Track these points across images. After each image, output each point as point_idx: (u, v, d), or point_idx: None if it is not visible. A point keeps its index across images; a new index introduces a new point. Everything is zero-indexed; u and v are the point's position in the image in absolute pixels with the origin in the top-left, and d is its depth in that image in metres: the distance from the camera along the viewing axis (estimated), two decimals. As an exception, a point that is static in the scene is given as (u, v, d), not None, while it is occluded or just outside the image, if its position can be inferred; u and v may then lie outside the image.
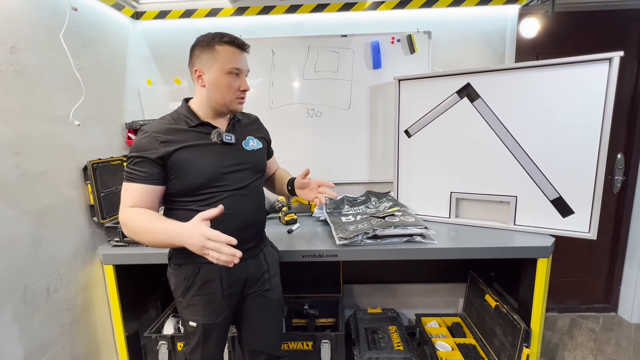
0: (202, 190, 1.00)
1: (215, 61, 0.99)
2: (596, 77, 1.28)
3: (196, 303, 1.05)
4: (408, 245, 1.38)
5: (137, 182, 0.94)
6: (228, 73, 0.99)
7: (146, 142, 0.95)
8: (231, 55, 0.99)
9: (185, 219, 0.94)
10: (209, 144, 1.02)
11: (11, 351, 1.10)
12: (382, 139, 1.89)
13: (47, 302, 1.25)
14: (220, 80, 1.00)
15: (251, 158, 1.11)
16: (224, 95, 1.01)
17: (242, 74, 1.03)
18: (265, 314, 1.18)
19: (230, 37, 1.00)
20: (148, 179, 0.95)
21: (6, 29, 1.11)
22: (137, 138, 0.97)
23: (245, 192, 1.07)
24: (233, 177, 1.04)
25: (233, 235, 1.00)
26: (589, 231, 1.37)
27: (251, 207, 1.09)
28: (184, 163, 0.97)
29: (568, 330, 2.05)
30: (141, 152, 0.94)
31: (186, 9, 1.76)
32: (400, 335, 1.71)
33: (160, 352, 1.56)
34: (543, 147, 1.41)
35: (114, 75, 1.68)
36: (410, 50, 1.78)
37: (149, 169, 0.94)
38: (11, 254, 1.11)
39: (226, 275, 1.06)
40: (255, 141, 1.14)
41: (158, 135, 0.96)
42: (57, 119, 1.30)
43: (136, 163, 0.94)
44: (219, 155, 1.02)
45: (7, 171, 1.10)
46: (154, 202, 0.97)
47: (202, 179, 0.99)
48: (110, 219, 1.51)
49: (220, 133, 1.02)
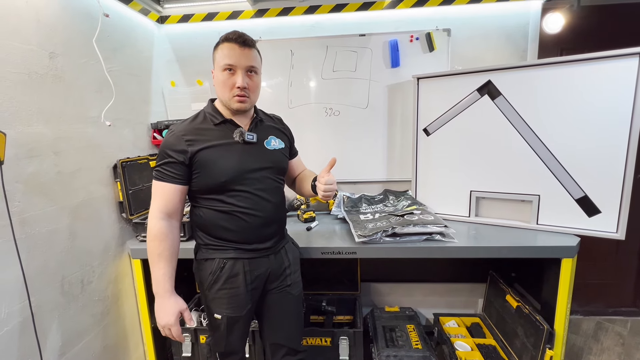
0: (224, 189, 1.03)
1: (215, 60, 1.03)
2: (625, 73, 1.25)
3: (221, 296, 1.08)
4: (427, 244, 1.38)
5: (166, 182, 0.99)
6: (223, 70, 1.00)
7: (173, 141, 0.99)
8: (226, 52, 0.99)
9: (208, 219, 1.06)
10: (231, 142, 1.04)
11: (52, 338, 1.18)
12: (400, 137, 1.89)
13: (82, 292, 1.32)
14: (217, 78, 1.03)
15: (272, 157, 1.12)
16: (222, 93, 1.02)
17: (238, 70, 1.00)
18: (287, 308, 1.20)
19: (229, 34, 1.00)
20: (175, 179, 0.99)
21: (46, 35, 1.19)
22: (165, 138, 1.02)
23: (266, 191, 1.09)
24: (254, 175, 1.06)
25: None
26: (617, 231, 1.33)
27: (271, 206, 1.11)
28: (207, 162, 1.00)
29: (594, 334, 1.99)
30: (169, 152, 0.98)
31: (208, 12, 1.82)
32: (418, 334, 1.71)
33: (184, 343, 1.62)
34: (567, 145, 1.38)
35: (141, 78, 1.75)
36: (429, 48, 1.77)
37: (176, 169, 0.99)
38: (51, 246, 1.19)
39: (249, 270, 1.09)
40: (277, 140, 1.15)
41: (184, 135, 1.00)
42: (90, 120, 1.38)
43: (165, 163, 0.99)
44: (241, 154, 1.04)
45: (47, 169, 1.18)
46: (182, 200, 1.04)
47: (225, 177, 1.01)
48: (137, 215, 1.58)
49: (242, 132, 1.04)
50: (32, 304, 1.08)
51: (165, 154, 0.99)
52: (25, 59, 1.11)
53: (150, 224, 1.00)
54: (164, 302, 0.99)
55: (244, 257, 1.08)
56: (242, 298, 1.10)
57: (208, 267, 1.09)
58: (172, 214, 1.02)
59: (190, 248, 1.19)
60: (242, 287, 1.09)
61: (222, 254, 1.08)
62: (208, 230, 1.08)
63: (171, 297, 1.00)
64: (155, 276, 1.00)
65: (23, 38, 1.11)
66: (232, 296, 1.09)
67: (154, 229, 0.99)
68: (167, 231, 1.00)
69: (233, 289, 1.08)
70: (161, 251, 0.99)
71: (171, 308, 0.99)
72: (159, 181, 1.00)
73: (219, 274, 1.08)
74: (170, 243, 1.00)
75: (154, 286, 1.00)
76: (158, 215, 1.00)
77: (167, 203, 1.00)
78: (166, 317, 0.99)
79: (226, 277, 1.08)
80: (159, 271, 0.99)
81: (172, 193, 1.00)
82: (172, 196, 1.00)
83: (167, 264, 1.00)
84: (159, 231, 0.99)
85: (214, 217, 1.05)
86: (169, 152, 0.98)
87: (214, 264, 1.08)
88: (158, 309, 1.00)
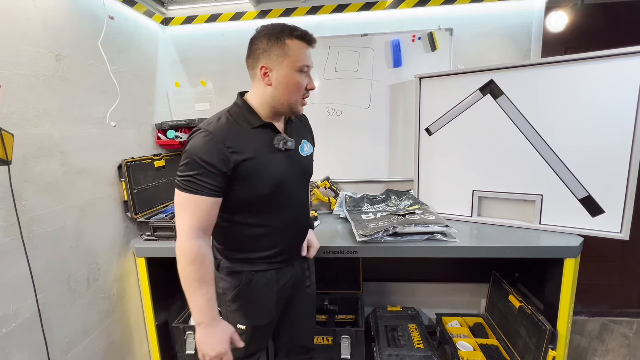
0: (263, 202, 0.94)
1: (286, 57, 0.88)
2: (629, 71, 1.23)
3: (247, 308, 1.01)
4: (429, 243, 1.38)
5: (203, 195, 0.84)
6: (299, 71, 0.90)
7: (211, 148, 0.84)
8: (303, 52, 0.90)
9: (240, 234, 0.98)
10: (272, 150, 0.94)
11: (58, 334, 1.21)
12: (402, 137, 1.89)
13: (88, 290, 1.35)
14: (290, 79, 0.90)
15: (306, 164, 1.06)
16: (291, 95, 0.91)
17: (309, 72, 0.95)
18: (304, 308, 1.18)
19: (301, 31, 0.90)
20: (214, 191, 0.86)
21: (53, 38, 1.21)
22: (200, 142, 0.85)
23: (300, 201, 1.04)
24: (291, 185, 0.99)
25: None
26: (621, 231, 1.32)
27: (304, 214, 1.06)
28: (251, 173, 0.89)
29: (598, 335, 1.97)
30: (206, 159, 0.83)
31: (212, 13, 1.84)
32: (420, 334, 1.71)
33: (187, 341, 1.64)
34: (571, 145, 1.37)
35: (145, 79, 1.78)
36: (431, 47, 1.77)
37: (215, 180, 0.85)
38: (58, 244, 1.21)
39: (276, 280, 1.03)
40: (308, 145, 1.07)
41: (225, 141, 0.86)
42: (95, 121, 1.40)
43: (200, 173, 0.83)
44: (283, 163, 0.95)
45: (54, 168, 1.20)
46: (217, 214, 0.90)
47: (267, 190, 0.92)
48: (142, 214, 1.60)
49: (286, 140, 0.95)
50: (40, 301, 1.11)
51: (202, 162, 0.83)
52: (32, 61, 1.13)
53: (184, 245, 0.84)
54: (212, 330, 0.87)
55: (272, 268, 1.02)
56: (268, 307, 1.04)
57: (234, 279, 1.01)
58: (207, 231, 0.89)
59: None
60: (269, 298, 1.03)
61: (250, 266, 1.00)
62: (236, 246, 1.00)
63: (219, 323, 0.89)
64: (198, 304, 0.86)
65: (31, 41, 1.13)
66: (258, 308, 1.03)
67: (192, 251, 0.84)
68: (205, 252, 0.87)
69: (260, 300, 1.02)
70: (202, 275, 0.86)
71: (222, 335, 0.88)
72: (192, 194, 0.84)
73: (247, 286, 1.00)
74: (209, 265, 0.88)
75: (197, 315, 0.86)
76: (193, 234, 0.85)
77: (203, 219, 0.86)
78: (218, 346, 0.86)
79: (253, 289, 1.01)
80: (202, 297, 0.86)
81: (209, 207, 0.86)
82: (209, 211, 0.86)
83: (210, 288, 0.88)
84: (197, 253, 0.84)
85: (247, 233, 0.97)
86: (206, 160, 0.83)
87: (241, 277, 1.00)
88: (205, 339, 0.87)
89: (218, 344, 0.86)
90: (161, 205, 1.75)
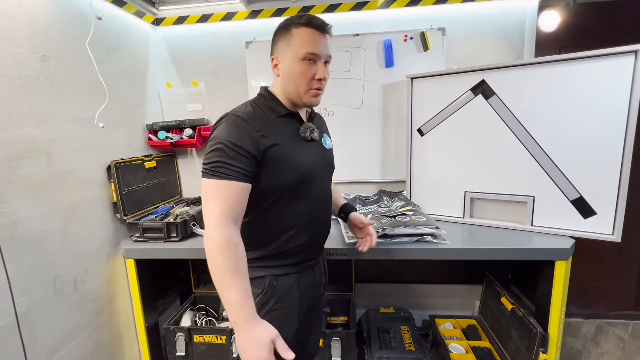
0: (288, 192, 0.91)
1: (289, 46, 0.88)
2: (621, 71, 1.22)
3: (271, 319, 0.88)
4: (418, 245, 1.36)
5: (234, 180, 0.80)
6: (302, 59, 0.87)
7: (243, 131, 0.82)
8: (307, 39, 0.87)
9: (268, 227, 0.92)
10: (299, 139, 0.93)
11: (43, 336, 1.20)
12: (394, 138, 1.88)
13: (75, 292, 1.34)
14: (293, 68, 0.88)
15: (330, 157, 1.04)
16: (297, 85, 0.89)
17: (321, 60, 0.89)
18: (317, 315, 1.14)
19: (307, 17, 0.88)
20: (246, 176, 0.82)
21: (38, 38, 1.21)
22: (228, 125, 0.84)
23: (326, 194, 1.01)
24: (318, 177, 0.96)
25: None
26: (613, 233, 1.30)
27: (329, 211, 1.04)
28: (279, 159, 0.87)
29: (593, 337, 1.95)
30: (237, 143, 0.81)
31: (203, 13, 1.83)
32: (412, 336, 1.70)
33: (177, 343, 1.64)
34: (563, 145, 1.35)
35: (136, 79, 1.77)
36: (423, 47, 1.76)
37: (246, 164, 0.82)
38: (43, 246, 1.21)
39: (298, 285, 0.98)
40: (329, 139, 1.07)
41: (253, 125, 0.84)
42: (83, 122, 1.39)
43: (231, 157, 0.80)
44: (309, 152, 0.94)
45: (39, 170, 1.20)
46: (246, 204, 0.85)
47: (294, 179, 0.89)
48: (132, 215, 1.60)
49: (312, 129, 0.93)
50: (24, 303, 1.11)
51: (233, 146, 0.80)
52: (17, 63, 1.13)
53: (213, 233, 0.78)
54: (251, 331, 0.75)
55: (293, 271, 0.97)
56: (293, 317, 0.98)
57: (255, 288, 0.90)
58: (238, 220, 0.83)
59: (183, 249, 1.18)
60: (294, 304, 0.98)
61: (273, 270, 0.95)
62: (256, 244, 0.94)
63: (257, 323, 0.77)
64: (233, 298, 0.75)
65: (15, 42, 1.12)
66: (283, 317, 0.95)
67: (223, 238, 0.77)
68: (237, 240, 0.80)
69: (284, 308, 0.96)
70: (235, 264, 0.77)
71: (263, 337, 0.75)
72: (223, 180, 0.80)
73: (271, 293, 0.94)
74: (242, 254, 0.80)
75: (232, 313, 0.76)
76: (223, 222, 0.79)
77: (235, 205, 0.81)
78: (258, 351, 0.73)
79: (278, 296, 0.94)
80: (236, 290, 0.75)
81: (240, 193, 0.82)
82: (240, 197, 0.82)
83: (245, 279, 0.78)
84: (229, 240, 0.78)
85: (269, 227, 0.92)
86: (237, 144, 0.81)
87: (263, 282, 0.94)
88: (243, 343, 0.75)
89: (258, 349, 0.73)
90: (152, 206, 1.74)
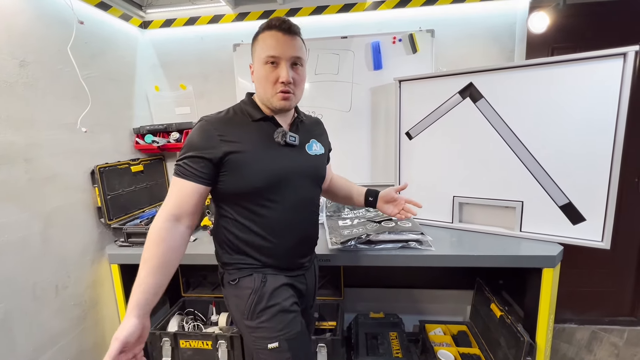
0: (257, 197, 0.90)
1: (255, 52, 0.90)
2: (610, 74, 1.19)
3: (269, 318, 0.91)
4: (403, 252, 1.34)
5: (187, 179, 0.85)
6: (265, 63, 0.87)
7: (202, 134, 0.86)
8: (268, 42, 0.87)
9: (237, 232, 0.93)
10: (271, 143, 0.92)
11: (22, 342, 1.19)
12: (383, 141, 1.85)
13: (56, 298, 1.33)
14: (258, 73, 0.90)
15: (313, 163, 1.01)
16: (265, 90, 0.90)
17: (283, 62, 0.88)
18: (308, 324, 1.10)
19: (271, 20, 0.88)
20: (199, 177, 0.85)
21: (17, 43, 1.20)
22: (195, 129, 0.89)
23: (305, 201, 0.99)
24: (293, 184, 0.94)
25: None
26: (602, 240, 1.28)
27: (310, 219, 1.02)
28: (241, 163, 0.87)
29: (587, 344, 1.92)
30: (196, 147, 0.85)
31: (190, 16, 1.82)
32: (400, 342, 1.67)
33: (163, 348, 1.62)
34: (551, 150, 1.32)
35: (123, 83, 1.76)
36: (412, 49, 1.73)
37: (200, 166, 0.85)
38: (21, 252, 1.20)
39: (291, 283, 0.98)
40: (318, 145, 1.04)
41: (216, 128, 0.87)
42: (65, 127, 1.39)
43: (189, 158, 0.85)
44: (281, 157, 0.92)
45: (17, 176, 1.19)
46: (199, 203, 0.88)
47: (259, 182, 0.89)
48: (117, 220, 1.59)
49: (284, 133, 0.92)
50: (1, 310, 1.10)
51: (191, 147, 0.86)
52: (-6, 68, 1.12)
53: (153, 224, 0.83)
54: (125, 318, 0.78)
55: (280, 274, 0.97)
56: (293, 314, 0.95)
57: (245, 287, 0.93)
58: (181, 217, 0.85)
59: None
60: (289, 299, 0.95)
61: (262, 269, 0.95)
62: (242, 243, 0.94)
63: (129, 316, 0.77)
64: (134, 285, 0.79)
65: (-8, 47, 1.12)
66: (282, 313, 0.92)
67: (153, 229, 0.82)
68: (165, 235, 0.82)
69: (279, 304, 0.93)
70: (149, 257, 0.80)
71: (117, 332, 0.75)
72: (178, 177, 0.86)
73: (263, 289, 0.92)
74: (163, 251, 0.81)
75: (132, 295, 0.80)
76: (164, 216, 0.83)
77: (181, 203, 0.85)
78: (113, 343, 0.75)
79: (270, 293, 0.93)
80: (137, 279, 0.79)
81: (189, 193, 0.85)
82: (188, 196, 0.85)
83: (149, 275, 0.79)
84: (157, 234, 0.82)
85: (243, 230, 0.92)
86: (194, 146, 0.85)
87: (252, 281, 0.93)
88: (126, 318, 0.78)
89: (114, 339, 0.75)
90: (138, 210, 1.73)
